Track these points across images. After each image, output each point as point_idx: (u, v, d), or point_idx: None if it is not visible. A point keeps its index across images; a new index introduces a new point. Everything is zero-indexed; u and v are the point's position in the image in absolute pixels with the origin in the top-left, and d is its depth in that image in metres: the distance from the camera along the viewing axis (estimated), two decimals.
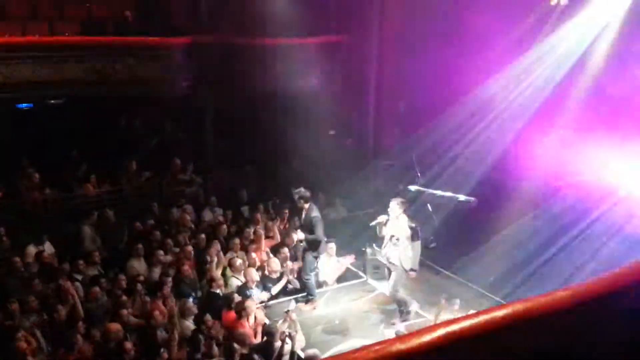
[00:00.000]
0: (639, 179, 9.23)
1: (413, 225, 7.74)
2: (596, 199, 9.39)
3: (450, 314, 7.54)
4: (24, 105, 11.67)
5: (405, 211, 7.78)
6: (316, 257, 8.53)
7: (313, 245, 8.38)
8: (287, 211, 10.40)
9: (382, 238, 8.03)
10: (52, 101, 11.79)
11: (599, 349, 1.56)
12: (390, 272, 8.07)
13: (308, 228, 8.31)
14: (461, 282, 9.14)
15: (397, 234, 7.72)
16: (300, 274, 8.84)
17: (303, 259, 8.63)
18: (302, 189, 8.51)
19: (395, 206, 7.72)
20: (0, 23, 10.55)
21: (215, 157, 12.34)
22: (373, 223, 8.00)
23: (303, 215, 8.42)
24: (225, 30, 11.36)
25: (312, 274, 8.57)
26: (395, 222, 7.77)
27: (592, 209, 9.28)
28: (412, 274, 7.80)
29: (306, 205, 8.37)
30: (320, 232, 8.32)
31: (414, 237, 7.68)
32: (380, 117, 12.70)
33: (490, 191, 10.05)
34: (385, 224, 7.90)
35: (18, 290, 7.35)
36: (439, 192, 10.55)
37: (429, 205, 10.33)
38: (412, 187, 10.81)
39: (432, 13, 10.95)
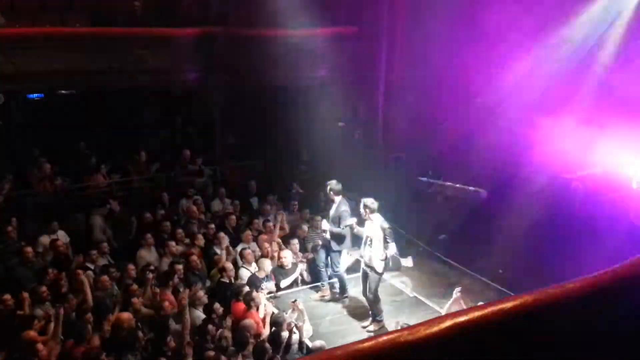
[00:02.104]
0: None
1: (385, 226, 7.57)
2: (607, 191, 9.33)
3: (457, 306, 7.54)
4: (35, 95, 11.75)
5: (371, 212, 7.58)
6: (340, 252, 8.50)
7: (338, 239, 8.34)
8: (296, 202, 10.42)
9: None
10: (63, 92, 11.85)
11: (607, 340, 1.55)
12: (365, 274, 7.86)
13: (336, 221, 8.24)
14: (470, 273, 9.13)
15: (370, 235, 7.58)
16: (310, 265, 8.92)
17: (326, 251, 8.54)
18: (333, 182, 8.44)
19: (361, 207, 7.61)
20: (10, 14, 10.57)
21: (225, 148, 12.36)
22: (345, 225, 7.94)
23: (333, 208, 8.34)
24: (235, 22, 11.34)
25: (340, 267, 8.55)
26: (369, 223, 7.61)
27: (603, 201, 9.23)
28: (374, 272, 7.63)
29: (337, 198, 8.30)
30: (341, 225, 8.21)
31: (386, 238, 7.54)
32: (390, 109, 12.65)
33: (500, 183, 10.01)
34: (360, 224, 7.80)
35: (30, 280, 7.43)
36: (448, 184, 10.53)
37: (438, 197, 10.32)
38: (422, 179, 10.80)
39: (443, 3, 10.86)
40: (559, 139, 9.75)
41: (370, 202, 7.59)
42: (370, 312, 7.94)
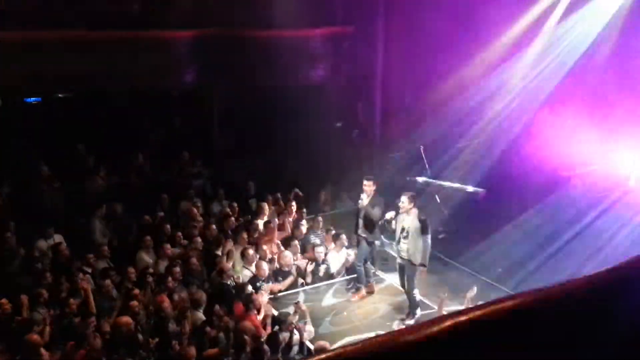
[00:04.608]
0: None
1: (423, 218, 7.73)
2: (605, 189, 9.35)
3: (459, 305, 7.55)
4: (33, 99, 11.72)
5: (415, 205, 7.77)
6: (370, 245, 8.52)
7: (373, 228, 8.34)
8: (294, 203, 10.41)
9: (391, 232, 8.03)
10: (61, 95, 11.84)
11: (607, 339, 1.56)
12: (401, 268, 8.02)
13: (370, 211, 8.28)
14: (469, 273, 9.14)
15: (406, 227, 7.71)
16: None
17: (364, 249, 8.60)
18: (371, 176, 8.49)
19: (405, 200, 7.71)
20: (7, 18, 10.55)
21: (223, 149, 12.35)
22: (381, 221, 8.00)
23: (367, 199, 8.27)
24: (231, 23, 11.33)
25: (363, 262, 8.61)
26: (405, 216, 7.75)
27: (601, 199, 9.25)
28: (423, 269, 7.77)
29: (373, 190, 8.30)
30: (378, 212, 8.22)
31: (424, 230, 7.67)
32: (387, 108, 12.66)
33: (498, 182, 10.01)
34: (394, 219, 7.89)
35: (29, 284, 7.42)
36: (447, 183, 10.54)
37: (437, 196, 10.32)
38: (420, 179, 10.80)
39: (439, 3, 10.88)
40: (557, 137, 9.77)
41: (413, 194, 7.88)
42: (409, 306, 8.00)
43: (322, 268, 9.03)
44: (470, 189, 10.29)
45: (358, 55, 12.45)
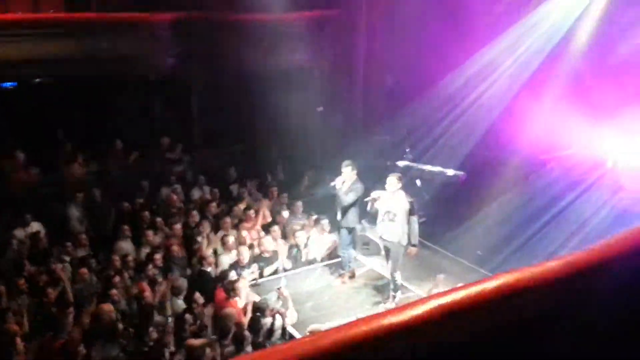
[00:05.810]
0: (625, 151, 9.31)
1: (410, 200, 7.75)
2: (583, 171, 9.47)
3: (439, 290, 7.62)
4: (8, 84, 11.48)
5: (402, 186, 7.78)
6: (350, 231, 8.51)
7: (345, 212, 8.35)
8: (275, 188, 10.37)
9: (372, 214, 8.04)
10: (37, 80, 11.59)
11: (588, 319, 1.57)
12: (387, 250, 8.05)
13: (347, 194, 8.29)
14: (449, 256, 9.22)
15: (393, 209, 7.70)
16: (290, 251, 8.95)
17: (338, 233, 8.65)
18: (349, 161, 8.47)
19: (393, 181, 7.70)
20: None
21: (203, 135, 12.24)
22: (367, 199, 7.98)
23: (346, 184, 8.26)
24: (212, 6, 11.17)
25: (349, 248, 8.62)
26: (391, 197, 7.74)
27: (579, 181, 9.37)
28: (413, 249, 7.81)
29: (353, 175, 8.27)
30: (352, 198, 8.22)
31: (412, 211, 7.69)
32: (369, 92, 12.63)
33: (478, 165, 10.09)
34: (378, 200, 7.91)
35: (7, 273, 7.32)
36: (427, 167, 10.58)
37: (417, 180, 10.37)
38: (401, 163, 10.84)
39: None
40: (536, 121, 9.85)
41: (400, 176, 7.86)
42: (391, 288, 8.00)
43: (304, 253, 9.04)
44: (450, 172, 10.35)
45: (340, 39, 12.36)
